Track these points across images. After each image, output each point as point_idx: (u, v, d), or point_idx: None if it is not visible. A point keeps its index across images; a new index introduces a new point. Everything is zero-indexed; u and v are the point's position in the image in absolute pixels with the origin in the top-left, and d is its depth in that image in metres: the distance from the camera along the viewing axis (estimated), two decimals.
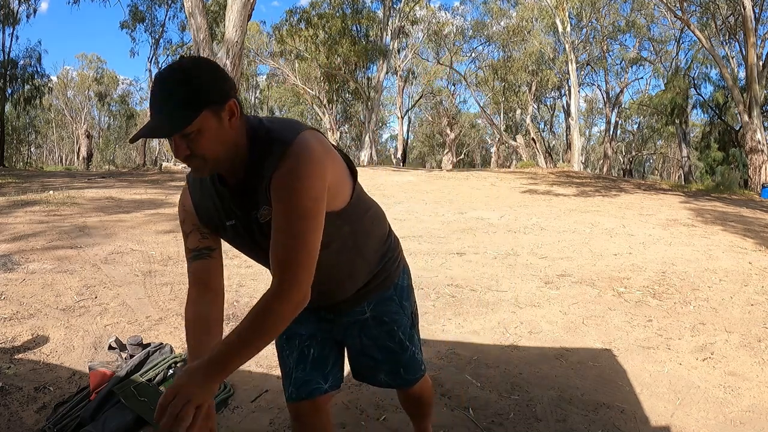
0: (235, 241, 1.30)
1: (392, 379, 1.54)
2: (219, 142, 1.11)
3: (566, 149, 29.16)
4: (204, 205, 1.28)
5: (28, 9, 26.13)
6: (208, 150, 1.10)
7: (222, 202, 1.24)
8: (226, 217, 1.25)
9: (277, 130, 1.17)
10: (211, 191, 1.25)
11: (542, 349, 3.06)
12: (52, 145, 50.60)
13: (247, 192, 1.20)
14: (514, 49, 28.30)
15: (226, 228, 1.27)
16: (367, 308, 1.45)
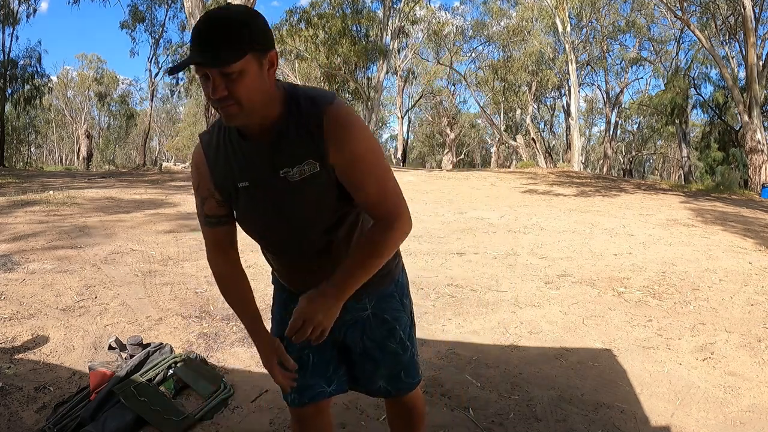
0: (247, 206, 1.24)
1: (392, 385, 1.48)
2: (257, 89, 1.09)
3: (566, 149, 29.16)
4: (220, 165, 1.22)
5: (28, 9, 26.14)
6: (246, 95, 1.07)
7: (242, 161, 1.19)
8: (240, 178, 1.20)
9: (315, 90, 1.18)
10: (229, 149, 1.20)
11: (542, 349, 3.06)
12: (52, 145, 50.59)
13: (281, 148, 1.16)
14: (514, 49, 28.29)
15: (238, 191, 1.22)
16: (369, 305, 1.41)
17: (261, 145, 1.17)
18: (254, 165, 1.19)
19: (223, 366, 2.72)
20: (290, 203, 1.19)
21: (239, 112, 1.09)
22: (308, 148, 1.15)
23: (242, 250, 1.45)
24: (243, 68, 1.05)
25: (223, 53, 1.03)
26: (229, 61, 1.03)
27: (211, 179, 1.24)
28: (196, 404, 2.34)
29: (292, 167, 1.16)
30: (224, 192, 1.25)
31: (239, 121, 1.13)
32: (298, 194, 1.18)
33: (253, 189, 1.20)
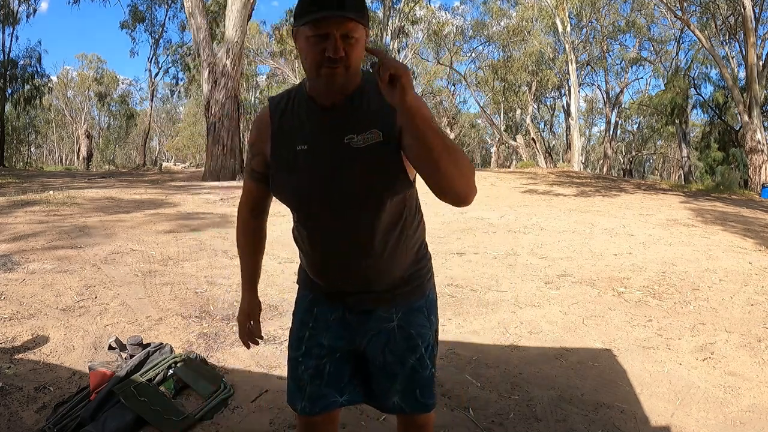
0: (301, 168, 1.24)
1: (406, 403, 1.41)
2: (360, 57, 1.18)
3: (566, 149, 29.17)
4: (283, 127, 1.28)
5: (28, 9, 26.18)
6: (355, 60, 1.16)
7: (307, 125, 1.25)
8: (300, 142, 1.24)
9: None
10: (296, 115, 1.27)
11: (542, 349, 3.06)
12: (52, 145, 50.60)
13: (351, 117, 1.21)
14: (514, 49, 28.30)
15: (295, 154, 1.25)
16: (395, 316, 1.37)
17: (332, 113, 1.23)
18: (320, 130, 1.23)
19: (223, 366, 2.72)
20: (347, 168, 1.21)
21: (344, 74, 1.16)
22: (377, 120, 1.20)
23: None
24: (360, 36, 1.15)
25: (359, 13, 1.13)
26: (361, 20, 1.14)
27: (270, 138, 1.30)
28: (196, 404, 2.34)
29: (357, 134, 1.20)
30: (278, 153, 1.28)
31: (337, 85, 1.17)
32: (358, 160, 1.20)
33: (311, 153, 1.24)
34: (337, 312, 1.39)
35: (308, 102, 1.25)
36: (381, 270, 1.31)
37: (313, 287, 1.42)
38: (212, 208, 7.78)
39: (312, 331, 1.41)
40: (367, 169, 1.20)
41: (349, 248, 1.28)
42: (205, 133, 15.27)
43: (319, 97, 1.23)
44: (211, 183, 12.64)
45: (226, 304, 3.60)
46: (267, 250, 1.46)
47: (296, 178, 1.26)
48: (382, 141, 1.19)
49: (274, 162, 1.29)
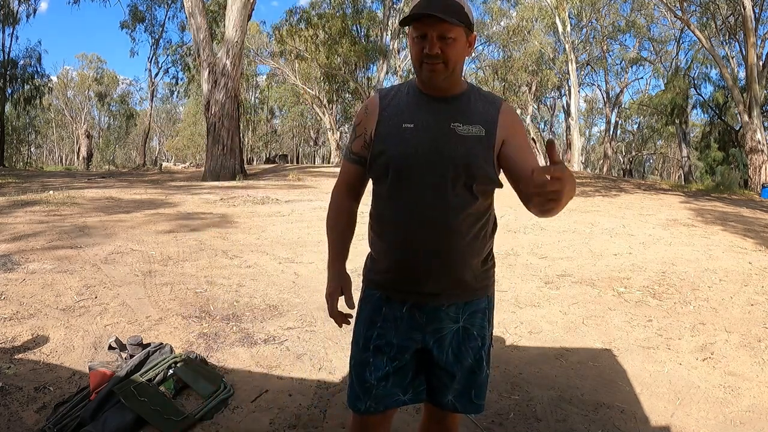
0: (404, 142, 1.36)
1: (459, 402, 1.46)
2: (460, 57, 1.34)
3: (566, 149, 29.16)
4: (390, 109, 1.40)
5: (28, 9, 26.19)
6: (453, 57, 1.31)
7: (415, 109, 1.38)
8: (407, 120, 1.37)
9: None
10: (404, 101, 1.40)
11: (542, 349, 3.06)
12: (52, 145, 50.60)
13: (461, 109, 1.37)
14: (514, 49, 28.31)
15: (400, 130, 1.36)
16: (461, 317, 1.43)
17: (441, 104, 1.38)
18: (427, 113, 1.37)
19: (223, 366, 2.72)
20: (450, 144, 1.34)
21: (443, 71, 1.31)
22: (483, 117, 1.37)
23: (242, 251, 1.44)
24: (456, 36, 1.30)
25: (453, 16, 1.27)
26: (456, 21, 1.27)
27: (376, 119, 1.40)
28: (196, 404, 2.34)
29: (463, 124, 1.35)
30: (383, 128, 1.39)
31: (439, 80, 1.33)
32: (460, 140, 1.34)
33: (417, 129, 1.36)
34: (406, 310, 1.42)
35: (417, 92, 1.40)
36: (460, 254, 1.37)
37: (382, 285, 1.45)
38: (212, 208, 7.78)
39: (381, 331, 1.43)
40: (467, 150, 1.34)
41: (438, 223, 1.35)
42: (205, 133, 15.27)
43: (426, 89, 1.38)
44: (211, 183, 12.64)
45: (226, 304, 3.60)
46: (266, 250, 1.46)
47: (401, 148, 1.36)
48: (482, 134, 1.35)
49: (378, 137, 1.40)
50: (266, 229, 6.21)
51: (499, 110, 1.38)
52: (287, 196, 9.59)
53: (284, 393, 2.47)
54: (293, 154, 45.51)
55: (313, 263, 4.69)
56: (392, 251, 1.40)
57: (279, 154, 38.67)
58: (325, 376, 2.66)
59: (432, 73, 1.31)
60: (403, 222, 1.36)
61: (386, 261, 1.42)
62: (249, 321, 3.32)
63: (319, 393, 2.49)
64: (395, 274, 1.41)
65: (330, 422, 2.26)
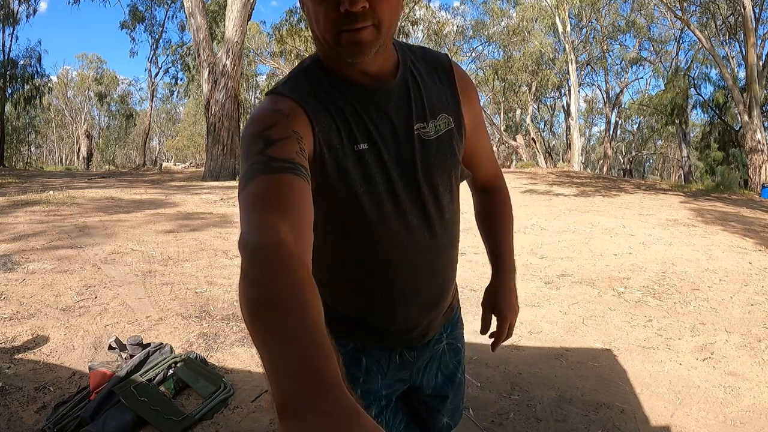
0: (364, 177, 0.89)
1: (454, 420, 1.27)
2: (394, 11, 0.85)
3: (566, 149, 29.17)
4: (325, 118, 0.87)
5: (27, 9, 26.17)
6: (388, 14, 0.83)
7: (362, 115, 0.89)
8: (359, 138, 0.88)
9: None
10: (339, 101, 0.89)
11: (542, 349, 3.06)
12: (52, 145, 50.60)
13: (408, 91, 0.93)
14: (514, 49, 28.31)
15: (352, 156, 0.88)
16: (444, 335, 1.18)
17: (389, 94, 0.91)
18: (381, 120, 0.90)
19: (223, 366, 2.72)
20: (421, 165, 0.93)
21: (375, 39, 0.83)
22: (442, 99, 0.96)
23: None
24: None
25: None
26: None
27: (312, 132, 0.85)
28: (196, 404, 2.34)
29: (427, 122, 0.93)
30: (321, 152, 0.86)
31: (372, 52, 0.84)
32: (431, 154, 0.94)
33: (376, 152, 0.90)
34: (392, 353, 1.09)
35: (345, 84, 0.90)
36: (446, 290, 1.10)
37: (353, 334, 1.05)
38: (212, 208, 7.78)
39: (366, 386, 1.07)
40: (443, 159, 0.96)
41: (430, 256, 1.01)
42: (205, 133, 15.27)
43: (355, 74, 0.89)
44: (211, 183, 12.64)
45: (226, 304, 3.60)
46: None
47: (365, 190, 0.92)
48: (451, 128, 0.97)
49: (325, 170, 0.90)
50: None
51: (454, 79, 0.99)
52: None
53: None
54: None
55: None
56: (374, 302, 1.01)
57: None
58: None
59: (358, 45, 0.82)
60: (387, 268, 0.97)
61: (360, 314, 1.03)
62: None
63: None
64: (377, 328, 1.04)
65: None
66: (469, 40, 31.09)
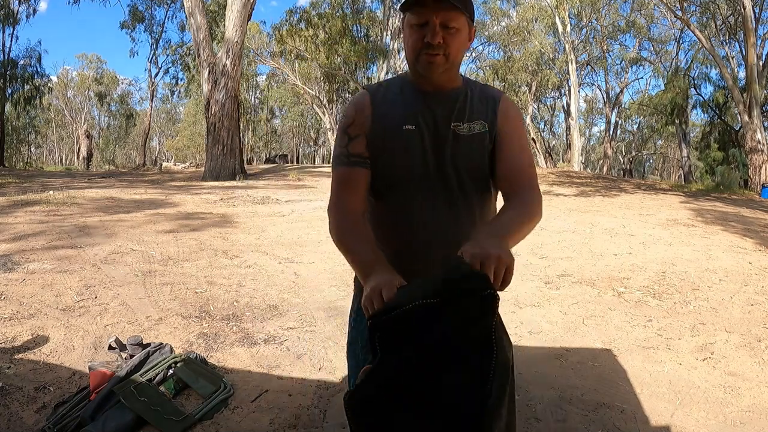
0: (406, 147, 1.25)
1: None
2: (461, 48, 1.23)
3: (566, 149, 29.17)
4: (385, 107, 1.28)
5: (27, 9, 26.18)
6: (454, 49, 1.21)
7: (414, 108, 1.27)
8: (407, 122, 1.26)
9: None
10: (400, 98, 1.29)
11: (542, 349, 3.06)
12: (52, 145, 50.60)
13: (461, 105, 1.28)
14: (515, 49, 28.31)
15: (400, 133, 1.25)
16: None
17: (441, 100, 1.27)
18: (429, 113, 1.27)
19: (223, 366, 2.72)
20: (453, 147, 1.26)
21: (444, 63, 1.21)
22: (483, 112, 1.29)
23: (242, 251, 1.43)
24: (460, 27, 1.20)
25: (461, 2, 1.18)
26: (458, 9, 1.17)
27: (372, 117, 1.27)
28: (196, 404, 2.34)
29: (463, 122, 1.27)
30: (380, 130, 1.27)
31: (439, 72, 1.23)
32: (462, 146, 1.27)
33: (419, 133, 1.26)
34: None
35: (412, 88, 1.29)
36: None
37: None
38: (212, 208, 7.78)
39: None
40: (470, 152, 1.27)
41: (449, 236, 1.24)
42: (205, 133, 15.27)
43: (422, 83, 1.27)
44: (211, 183, 12.64)
45: (226, 304, 3.60)
46: (266, 250, 1.44)
47: (403, 155, 1.26)
48: (485, 131, 1.28)
49: (376, 141, 1.28)
50: (266, 229, 6.21)
51: (498, 103, 1.31)
52: (287, 196, 9.59)
53: (284, 393, 2.47)
54: (293, 154, 45.52)
55: (313, 263, 4.69)
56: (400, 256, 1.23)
57: (279, 154, 38.69)
58: (325, 376, 2.66)
59: (431, 65, 1.20)
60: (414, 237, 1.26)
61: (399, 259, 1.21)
62: (249, 321, 3.31)
63: (319, 393, 2.49)
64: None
65: (330, 422, 2.26)
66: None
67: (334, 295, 3.86)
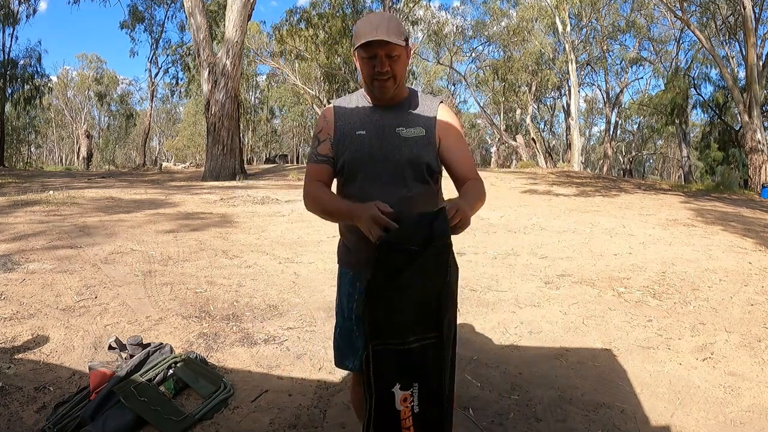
0: (360, 146, 1.62)
1: None
2: (403, 69, 1.58)
3: (566, 149, 29.17)
4: (345, 117, 1.66)
5: (27, 9, 26.18)
6: (399, 72, 1.56)
7: (366, 118, 1.64)
8: (359, 128, 1.63)
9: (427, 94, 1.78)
10: (356, 111, 1.66)
11: (542, 349, 3.06)
12: (52, 145, 50.60)
13: (403, 115, 1.63)
14: (515, 49, 28.31)
15: (355, 136, 1.62)
16: None
17: (387, 112, 1.64)
18: (376, 122, 1.63)
19: (223, 366, 2.72)
20: (395, 146, 1.61)
21: (393, 85, 1.57)
22: (422, 119, 1.63)
23: (242, 251, 1.45)
24: (401, 54, 1.54)
25: (397, 38, 1.51)
26: (399, 43, 1.51)
27: (334, 126, 1.66)
28: (196, 404, 2.34)
29: (406, 127, 1.62)
30: (339, 135, 1.64)
31: (389, 93, 1.59)
32: (404, 142, 1.61)
33: (369, 136, 1.62)
34: None
35: (366, 102, 1.66)
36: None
37: (354, 265, 1.69)
38: (212, 208, 7.78)
39: (357, 302, 1.66)
40: (410, 150, 1.60)
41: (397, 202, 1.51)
42: (205, 133, 15.27)
43: (378, 101, 1.63)
44: (211, 183, 12.64)
45: (226, 304, 3.60)
46: (266, 250, 1.47)
47: (358, 152, 1.62)
48: (423, 135, 1.62)
49: (337, 143, 1.64)
50: (266, 229, 6.21)
51: (436, 111, 1.65)
52: (287, 196, 9.59)
53: (284, 393, 2.47)
54: (293, 154, 45.52)
55: (313, 263, 4.69)
56: (360, 242, 1.54)
57: (279, 154, 38.69)
58: (325, 376, 2.66)
59: (383, 88, 1.56)
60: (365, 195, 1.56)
61: (357, 249, 1.65)
62: (249, 321, 3.32)
63: (319, 393, 2.49)
64: (362, 256, 1.60)
65: (330, 422, 2.26)
66: (469, 41, 31.07)
67: (334, 295, 3.86)
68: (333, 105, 1.71)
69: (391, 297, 1.34)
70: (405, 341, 1.37)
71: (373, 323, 1.37)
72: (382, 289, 1.35)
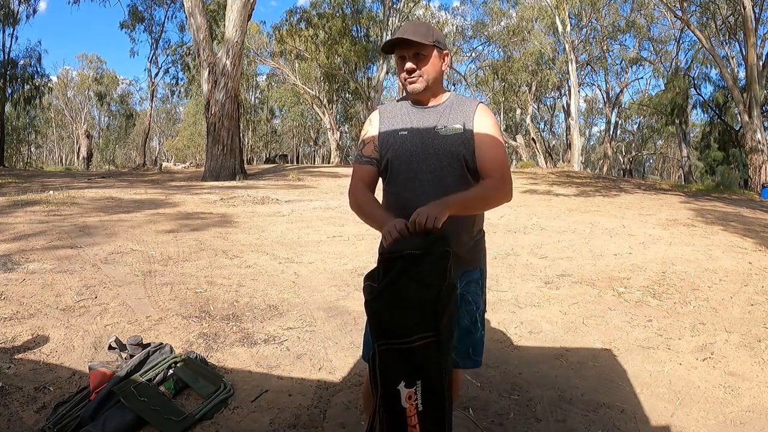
0: (402, 144, 1.73)
1: (460, 358, 1.72)
2: (434, 70, 1.71)
3: (566, 149, 29.18)
4: (388, 119, 1.78)
5: (27, 9, 26.18)
6: (428, 71, 1.69)
7: (407, 119, 1.75)
8: (401, 128, 1.74)
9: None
10: (398, 113, 1.78)
11: (542, 349, 3.06)
12: (52, 145, 50.60)
13: (441, 113, 1.73)
14: (514, 49, 28.31)
15: (398, 136, 1.74)
16: (459, 285, 1.69)
17: (427, 112, 1.75)
18: (417, 122, 1.74)
19: (223, 366, 2.72)
20: (435, 144, 1.70)
21: (422, 84, 1.69)
22: (461, 118, 1.72)
23: (242, 251, 1.45)
24: (428, 53, 1.68)
25: (421, 38, 1.65)
26: (423, 42, 1.64)
27: (378, 128, 1.79)
28: (196, 404, 2.34)
29: (445, 126, 1.71)
30: (384, 136, 1.76)
31: (420, 92, 1.71)
32: (443, 139, 1.70)
33: (410, 135, 1.73)
34: None
35: (408, 104, 1.79)
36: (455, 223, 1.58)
37: None
38: (212, 208, 7.78)
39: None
40: (449, 146, 1.69)
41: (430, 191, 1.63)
42: (205, 133, 15.26)
43: (419, 102, 1.76)
44: (211, 183, 12.64)
45: (226, 304, 3.60)
46: (266, 250, 1.47)
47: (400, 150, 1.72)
48: (461, 132, 1.70)
49: (381, 143, 1.76)
50: (266, 229, 6.21)
51: (474, 111, 1.73)
52: (287, 196, 9.59)
53: (284, 393, 2.47)
54: (293, 154, 45.53)
55: (313, 263, 4.69)
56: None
57: (279, 154, 38.68)
58: (325, 376, 2.66)
59: (413, 85, 1.69)
60: (408, 209, 1.58)
61: None
62: (249, 321, 3.32)
63: (319, 393, 2.49)
64: None
65: (330, 422, 2.26)
66: (469, 40, 31.08)
67: (334, 295, 3.86)
68: (378, 108, 1.84)
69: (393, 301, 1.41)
70: (407, 340, 1.44)
71: (378, 325, 1.43)
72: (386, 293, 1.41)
